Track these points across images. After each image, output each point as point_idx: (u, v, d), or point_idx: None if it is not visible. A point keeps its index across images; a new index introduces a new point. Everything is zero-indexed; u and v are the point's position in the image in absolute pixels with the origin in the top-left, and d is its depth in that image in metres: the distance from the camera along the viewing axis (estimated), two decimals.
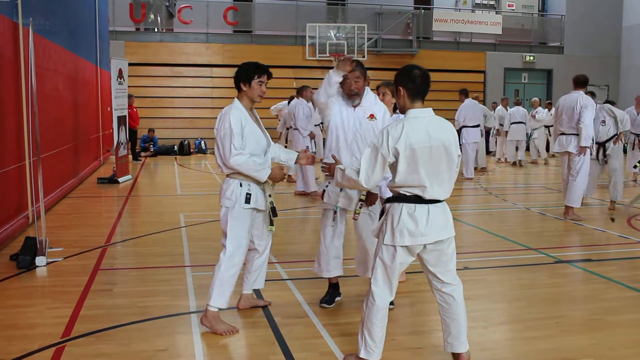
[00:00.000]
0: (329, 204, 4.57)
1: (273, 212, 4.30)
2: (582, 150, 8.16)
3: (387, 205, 3.47)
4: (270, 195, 4.27)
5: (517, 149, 16.17)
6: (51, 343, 3.91)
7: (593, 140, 8.30)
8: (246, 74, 4.19)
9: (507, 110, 16.78)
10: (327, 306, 4.65)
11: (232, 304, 4.35)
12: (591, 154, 8.48)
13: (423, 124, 3.35)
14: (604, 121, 9.23)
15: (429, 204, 3.35)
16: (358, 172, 3.40)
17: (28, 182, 7.31)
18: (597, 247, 6.94)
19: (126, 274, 5.73)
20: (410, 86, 3.41)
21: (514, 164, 16.11)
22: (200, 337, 4.06)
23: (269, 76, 4.26)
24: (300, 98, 11.12)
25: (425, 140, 3.31)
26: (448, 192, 3.44)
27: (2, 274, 5.51)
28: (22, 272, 5.60)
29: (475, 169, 14.17)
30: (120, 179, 11.98)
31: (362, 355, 3.49)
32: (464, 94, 13.62)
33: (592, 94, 9.44)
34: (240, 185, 4.14)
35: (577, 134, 8.17)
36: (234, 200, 4.13)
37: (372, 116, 4.54)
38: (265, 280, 4.65)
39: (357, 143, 4.49)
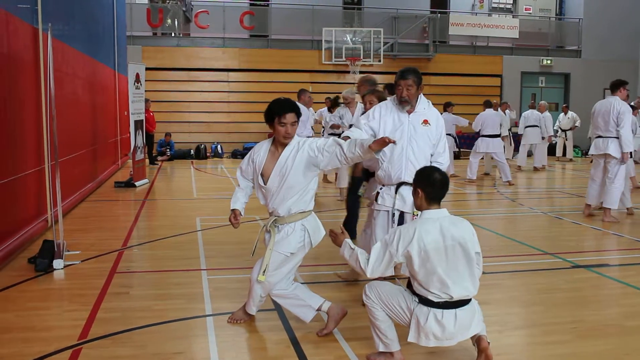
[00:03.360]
0: (383, 205, 4.65)
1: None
2: (624, 156, 8.37)
3: (414, 300, 3.51)
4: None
5: (529, 153, 16.00)
6: (68, 345, 3.95)
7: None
8: (268, 115, 3.99)
9: (505, 115, 16.46)
10: None
11: (233, 308, 4.37)
12: (631, 156, 8.78)
13: (437, 224, 3.44)
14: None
15: (456, 308, 3.43)
16: (367, 260, 3.47)
17: (47, 186, 7.38)
18: (614, 252, 6.87)
19: (142, 277, 5.77)
20: (428, 190, 3.51)
21: (519, 167, 15.91)
22: (215, 340, 4.08)
23: (298, 114, 4.00)
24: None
25: (439, 240, 3.40)
26: (473, 290, 3.50)
27: (20, 276, 5.57)
28: (39, 274, 5.66)
29: (487, 174, 14.63)
30: (137, 183, 12.07)
31: (381, 349, 3.67)
32: (487, 104, 13.59)
33: (633, 108, 9.57)
34: None
35: (616, 137, 8.39)
36: None
37: (426, 122, 4.61)
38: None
39: (412, 148, 4.54)
